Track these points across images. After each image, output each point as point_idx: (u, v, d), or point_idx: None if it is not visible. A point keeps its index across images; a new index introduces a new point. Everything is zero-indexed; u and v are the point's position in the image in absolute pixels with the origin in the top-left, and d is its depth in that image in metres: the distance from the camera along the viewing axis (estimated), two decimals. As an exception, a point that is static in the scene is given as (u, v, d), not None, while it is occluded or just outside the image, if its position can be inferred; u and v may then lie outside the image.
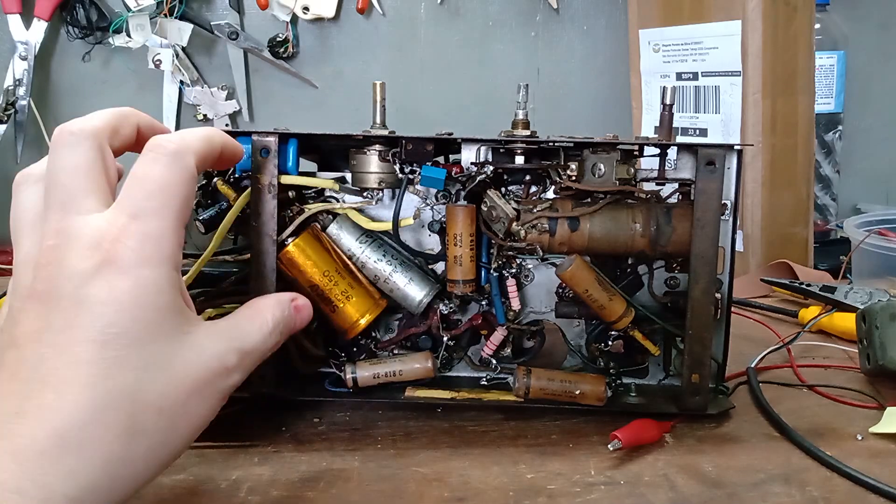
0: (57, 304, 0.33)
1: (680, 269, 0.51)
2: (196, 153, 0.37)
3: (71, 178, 0.35)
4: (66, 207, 0.35)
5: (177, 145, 0.36)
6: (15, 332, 0.33)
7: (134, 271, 0.34)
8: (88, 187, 0.35)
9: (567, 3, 1.07)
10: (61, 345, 0.32)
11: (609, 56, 1.07)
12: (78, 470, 0.31)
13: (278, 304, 0.40)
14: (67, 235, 0.34)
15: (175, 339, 0.35)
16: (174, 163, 0.36)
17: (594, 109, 1.10)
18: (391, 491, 0.42)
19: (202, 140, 0.38)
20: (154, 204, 0.35)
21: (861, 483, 0.42)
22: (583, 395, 0.48)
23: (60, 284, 0.33)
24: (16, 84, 0.99)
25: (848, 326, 0.63)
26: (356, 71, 1.06)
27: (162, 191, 0.35)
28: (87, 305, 0.33)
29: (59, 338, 0.33)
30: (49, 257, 0.34)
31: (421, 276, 0.51)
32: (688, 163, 0.50)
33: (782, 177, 0.85)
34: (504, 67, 1.08)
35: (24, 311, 0.34)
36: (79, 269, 0.33)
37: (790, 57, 0.83)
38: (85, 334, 0.32)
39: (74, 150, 0.36)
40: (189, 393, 0.34)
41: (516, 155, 0.49)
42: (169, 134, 0.38)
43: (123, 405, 0.32)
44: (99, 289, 0.33)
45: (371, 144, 0.50)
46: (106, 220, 0.34)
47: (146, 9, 0.96)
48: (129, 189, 0.35)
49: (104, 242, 0.34)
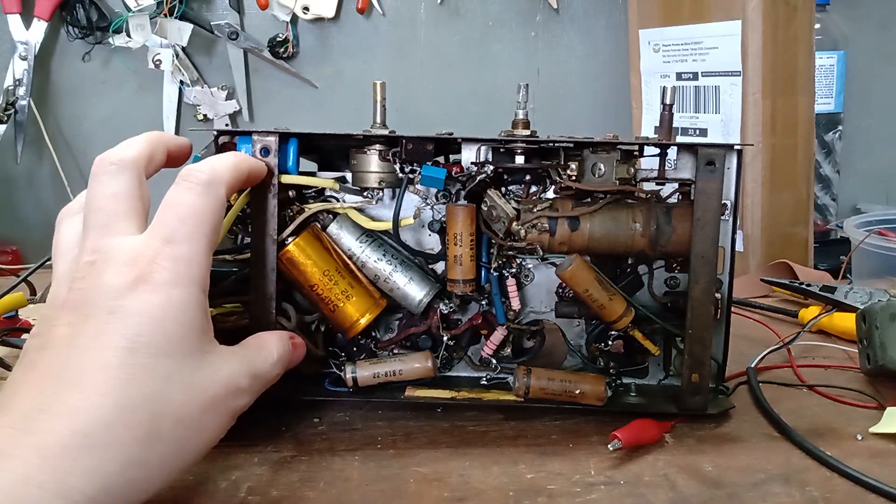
0: (90, 313, 0.35)
1: (680, 269, 0.51)
2: (226, 183, 0.40)
3: (110, 203, 0.38)
4: (104, 229, 0.37)
5: (208, 176, 0.39)
6: (48, 337, 0.35)
7: (165, 289, 0.36)
8: (126, 212, 0.38)
9: (567, 3, 1.07)
10: (91, 349, 0.34)
11: (609, 56, 1.07)
12: (98, 469, 0.32)
13: (280, 340, 0.44)
14: (105, 253, 0.37)
15: (196, 355, 0.37)
16: (206, 192, 0.39)
17: (594, 109, 1.10)
18: (391, 491, 0.42)
19: (231, 169, 0.41)
20: (187, 229, 0.38)
21: (861, 483, 0.42)
22: (583, 395, 0.48)
23: (95, 296, 0.36)
24: (16, 84, 0.99)
25: (848, 326, 0.63)
26: (356, 71, 1.06)
27: (194, 217, 0.38)
28: (118, 315, 0.35)
29: (90, 343, 0.34)
30: (85, 272, 0.36)
31: (421, 275, 0.51)
32: (688, 163, 0.50)
33: (782, 177, 0.85)
34: (504, 67, 1.08)
35: (58, 318, 0.36)
36: (114, 283, 0.36)
37: (790, 57, 0.83)
38: (115, 341, 0.35)
39: (114, 178, 0.39)
40: (205, 407, 0.37)
41: (516, 155, 0.49)
42: (201, 163, 0.40)
43: (145, 411, 0.34)
44: (132, 302, 0.35)
45: (371, 144, 0.50)
46: (141, 242, 0.37)
47: (146, 9, 0.96)
48: (164, 215, 0.38)
49: (139, 262, 0.36)
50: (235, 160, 0.42)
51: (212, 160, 0.41)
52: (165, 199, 0.39)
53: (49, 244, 0.41)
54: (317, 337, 0.52)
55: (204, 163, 0.40)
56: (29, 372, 0.35)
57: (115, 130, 1.05)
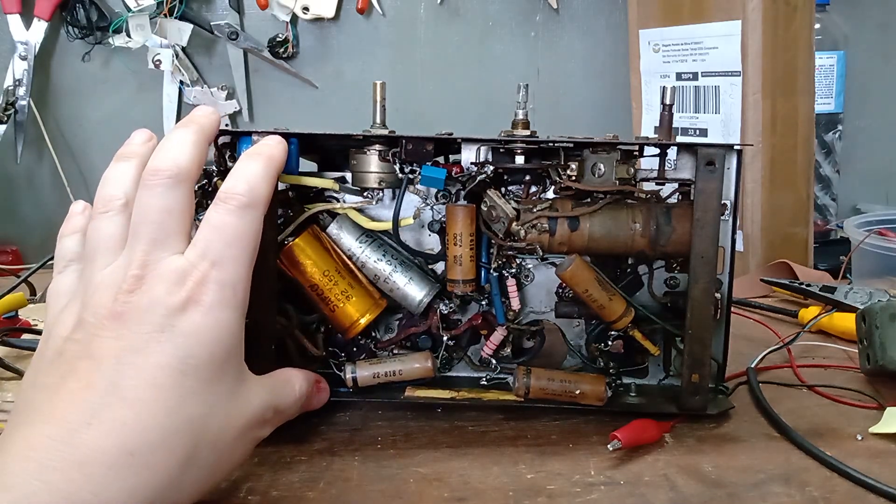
0: (140, 328, 0.35)
1: (680, 269, 0.51)
2: (264, 202, 0.40)
3: (163, 217, 0.38)
4: (154, 244, 0.37)
5: (249, 199, 0.39)
6: (91, 346, 0.35)
7: (214, 313, 0.36)
8: (177, 229, 0.38)
9: (567, 3, 1.07)
10: (142, 366, 0.34)
11: (609, 56, 1.07)
12: (138, 490, 0.32)
13: (306, 380, 0.44)
14: (155, 269, 0.37)
15: (234, 383, 0.37)
16: (247, 214, 0.39)
17: (594, 109, 1.10)
18: (391, 491, 0.42)
19: (268, 184, 0.41)
20: (232, 252, 0.38)
21: (861, 483, 0.42)
22: (583, 395, 0.48)
23: (144, 311, 0.35)
24: (16, 84, 0.99)
25: (848, 326, 0.63)
26: (356, 71, 1.06)
27: (238, 240, 0.39)
28: (170, 334, 0.35)
29: (140, 360, 0.34)
30: (133, 285, 0.36)
31: (421, 275, 0.51)
32: (688, 163, 0.50)
33: (782, 177, 0.85)
34: (504, 67, 1.08)
35: (104, 328, 0.35)
36: (164, 301, 0.36)
37: (790, 57, 0.83)
38: (166, 360, 0.34)
39: (169, 192, 0.39)
40: (237, 435, 0.37)
41: (516, 155, 0.49)
42: (239, 181, 0.40)
43: (189, 435, 0.34)
44: (183, 322, 0.35)
45: (371, 144, 0.50)
46: (190, 263, 0.37)
47: (146, 9, 0.96)
48: (209, 237, 0.38)
49: (188, 282, 0.36)
50: (267, 170, 0.41)
51: (248, 175, 0.40)
52: (207, 220, 0.39)
53: (49, 244, 0.41)
54: (317, 337, 0.52)
55: (242, 181, 0.40)
56: (70, 379, 0.34)
57: (115, 130, 1.04)
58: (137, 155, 0.42)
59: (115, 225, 0.39)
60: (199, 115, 0.43)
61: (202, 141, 0.41)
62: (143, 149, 0.42)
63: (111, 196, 0.40)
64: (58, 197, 1.04)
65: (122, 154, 0.43)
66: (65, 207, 0.89)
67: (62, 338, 0.36)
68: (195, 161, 0.40)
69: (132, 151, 0.42)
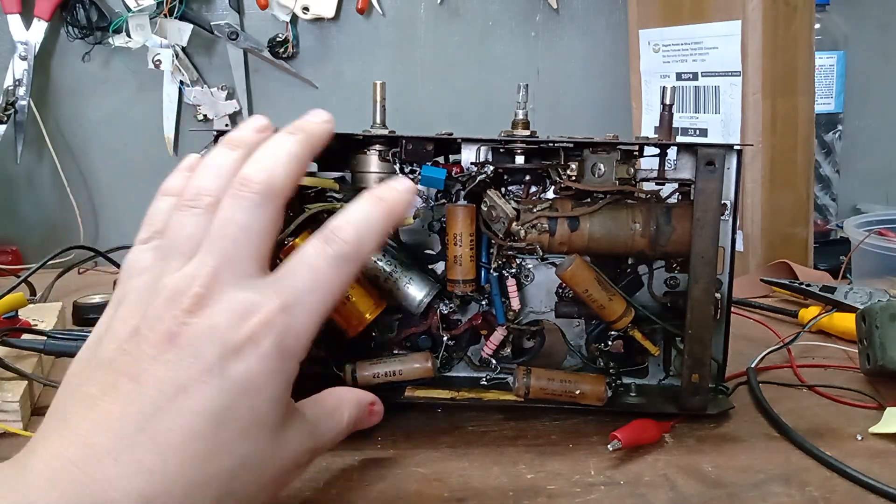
0: (190, 362, 0.32)
1: (680, 269, 0.51)
2: (366, 258, 0.37)
3: (242, 235, 0.35)
4: (226, 262, 0.34)
5: (354, 249, 0.36)
6: (140, 365, 0.33)
7: (270, 360, 0.33)
8: (254, 253, 0.35)
9: (567, 3, 1.07)
10: (180, 408, 0.32)
11: (609, 56, 1.07)
12: None
13: (357, 405, 0.41)
14: (220, 294, 0.34)
15: (274, 434, 0.34)
16: (346, 266, 0.36)
17: (594, 109, 1.10)
18: (391, 491, 0.42)
19: (378, 238, 0.37)
20: (312, 300, 0.35)
21: (861, 483, 0.42)
22: (583, 395, 0.48)
23: (200, 340, 0.33)
24: (16, 84, 0.99)
25: (848, 326, 0.63)
26: (356, 71, 1.06)
27: (324, 290, 0.35)
28: (219, 379, 0.32)
29: (180, 399, 0.32)
30: (194, 305, 0.33)
31: (421, 276, 0.51)
32: (688, 163, 0.50)
33: (782, 177, 0.85)
34: (504, 67, 1.08)
35: (156, 349, 0.33)
36: (223, 336, 0.33)
37: (790, 57, 0.83)
38: (207, 406, 0.32)
39: (255, 209, 0.35)
40: (264, 488, 0.35)
41: (516, 155, 0.49)
42: (348, 227, 0.36)
43: (215, 490, 0.32)
44: (235, 365, 0.33)
45: (371, 144, 0.50)
46: (261, 297, 0.34)
47: (146, 9, 0.96)
48: (293, 273, 0.35)
49: (253, 318, 0.33)
50: (382, 223, 0.37)
51: (361, 223, 0.36)
52: (302, 253, 0.36)
53: (49, 244, 0.40)
54: (317, 337, 0.52)
55: (353, 227, 0.36)
56: (109, 399, 0.32)
57: (115, 130, 1.05)
58: (246, 145, 0.38)
59: (197, 225, 0.36)
60: (310, 124, 0.40)
61: (305, 155, 0.38)
62: (255, 139, 0.39)
63: (203, 189, 0.37)
64: (58, 197, 1.04)
65: (231, 140, 0.39)
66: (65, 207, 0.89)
67: (117, 341, 0.34)
68: (292, 177, 0.37)
69: (241, 140, 0.39)
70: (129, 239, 1.01)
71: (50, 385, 0.53)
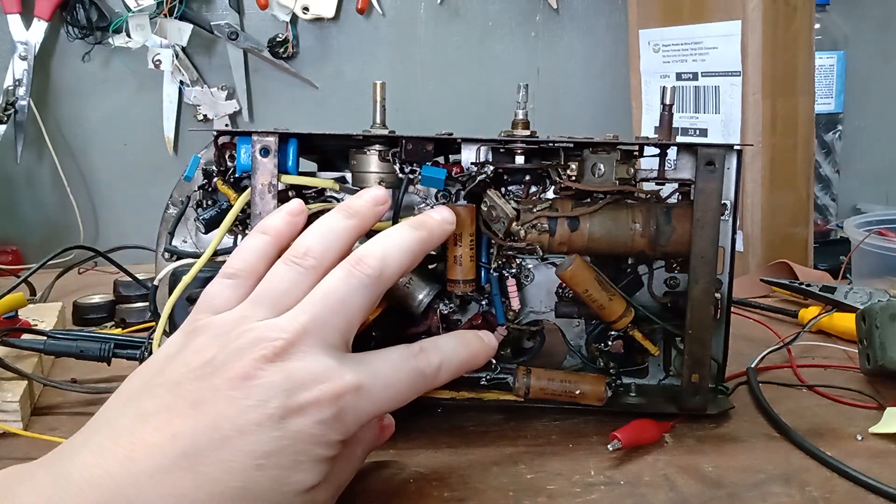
0: (257, 404, 0.33)
1: (680, 269, 0.51)
2: (453, 372, 0.40)
3: (340, 308, 0.37)
4: (318, 327, 0.36)
5: (435, 371, 0.39)
6: (203, 394, 0.33)
7: (325, 428, 0.34)
8: (344, 328, 0.37)
9: (567, 3, 1.07)
10: (227, 446, 0.32)
11: (609, 56, 1.07)
12: None
13: (368, 429, 0.41)
14: (303, 353, 0.35)
15: (304, 492, 0.34)
16: (423, 383, 0.39)
17: (594, 109, 1.10)
18: (391, 491, 0.42)
19: (462, 357, 0.41)
20: (382, 394, 0.37)
21: (861, 483, 0.42)
22: (583, 395, 0.48)
23: (272, 389, 0.33)
24: (16, 84, 0.99)
25: (848, 326, 0.63)
26: (356, 71, 1.06)
27: (397, 391, 0.37)
28: (273, 427, 0.33)
29: (230, 438, 0.32)
30: (274, 355, 0.34)
31: (421, 276, 0.51)
32: (688, 163, 0.50)
33: (782, 177, 0.85)
34: (504, 67, 1.08)
35: (226, 383, 0.33)
36: (294, 391, 0.34)
37: (790, 57, 0.83)
38: (252, 449, 0.33)
39: (361, 290, 0.37)
40: None
41: (516, 155, 0.49)
42: (438, 353, 0.40)
43: None
44: (294, 421, 0.33)
45: (371, 144, 0.50)
46: (340, 368, 0.35)
47: (146, 9, 0.96)
48: (375, 363, 0.37)
49: (326, 385, 0.34)
50: (469, 355, 0.41)
51: (448, 346, 0.40)
52: (389, 352, 0.38)
53: (49, 244, 0.40)
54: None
55: (439, 354, 0.39)
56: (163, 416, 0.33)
57: (115, 130, 1.05)
58: (360, 216, 0.40)
59: (298, 283, 0.37)
60: (433, 221, 0.41)
61: (420, 253, 0.40)
62: (371, 212, 0.41)
63: (311, 250, 0.38)
64: (58, 197, 1.04)
65: (348, 207, 0.41)
66: (65, 207, 0.89)
67: (187, 367, 0.35)
68: (402, 270, 0.39)
69: (357, 210, 0.41)
70: (129, 239, 1.01)
71: (50, 385, 0.53)
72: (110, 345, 0.52)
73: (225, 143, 0.49)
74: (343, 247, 0.39)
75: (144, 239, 0.81)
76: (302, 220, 0.42)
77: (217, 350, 0.35)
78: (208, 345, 0.35)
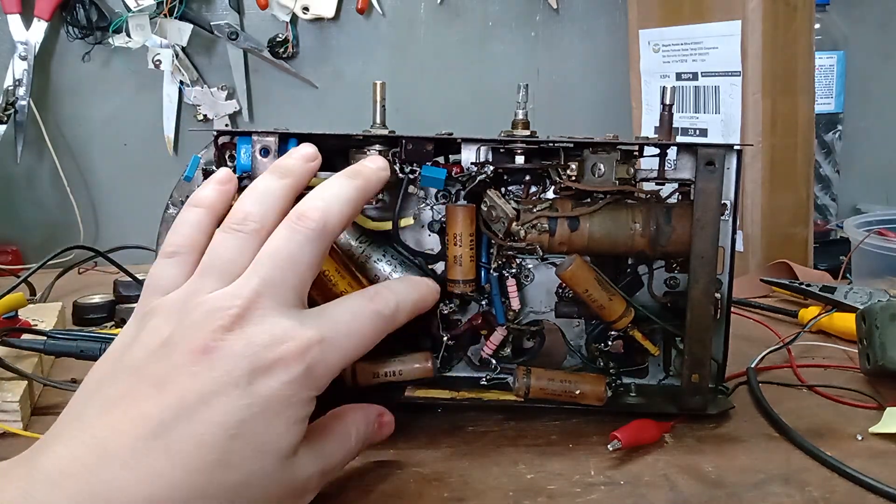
0: (221, 374, 0.33)
1: (680, 269, 0.51)
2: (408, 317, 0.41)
3: (289, 266, 0.36)
4: (269, 289, 0.35)
5: (393, 311, 0.39)
6: (167, 374, 0.33)
7: (295, 386, 0.34)
8: (297, 285, 0.36)
9: (567, 3, 1.07)
10: (199, 418, 0.32)
11: (609, 56, 1.07)
12: None
13: (364, 418, 0.41)
14: (260, 316, 0.34)
15: (284, 458, 0.34)
16: (386, 323, 0.39)
17: (594, 109, 1.10)
18: (391, 491, 0.42)
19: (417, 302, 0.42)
20: (345, 342, 0.36)
21: (861, 483, 0.42)
22: (583, 395, 0.48)
23: (234, 357, 0.33)
24: (16, 84, 0.99)
25: (848, 326, 0.63)
26: (356, 71, 1.06)
27: (359, 338, 0.37)
28: (243, 393, 0.33)
29: (202, 409, 0.32)
30: (231, 323, 0.34)
31: (421, 276, 0.51)
32: (688, 163, 0.50)
33: (782, 177, 0.85)
34: (504, 67, 1.08)
35: (187, 360, 0.33)
36: (257, 354, 0.33)
37: (790, 57, 0.83)
38: (223, 419, 0.32)
39: (308, 244, 0.37)
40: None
41: (516, 155, 0.49)
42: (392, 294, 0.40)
43: (219, 501, 0.32)
44: (262, 384, 0.33)
45: (371, 144, 0.49)
46: (300, 324, 0.35)
47: (146, 9, 0.96)
48: (335, 313, 0.37)
49: (289, 343, 0.34)
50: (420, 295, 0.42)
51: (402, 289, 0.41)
52: (347, 300, 0.38)
53: (49, 244, 0.40)
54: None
55: (393, 294, 0.40)
56: (129, 401, 0.33)
57: (115, 130, 1.05)
58: (293, 175, 0.40)
59: (242, 249, 0.37)
60: (367, 169, 0.41)
61: (360, 200, 0.40)
62: (303, 168, 0.41)
63: (251, 215, 0.38)
64: (58, 197, 1.04)
65: (280, 167, 0.40)
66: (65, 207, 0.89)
67: (146, 349, 0.34)
68: (345, 220, 0.39)
69: (290, 169, 0.40)
70: (129, 239, 1.01)
71: (50, 385, 0.53)
72: (110, 345, 0.52)
73: (225, 143, 0.49)
74: (282, 207, 0.39)
75: (144, 239, 0.81)
76: (232, 188, 0.42)
77: (173, 328, 0.34)
78: (163, 324, 0.35)
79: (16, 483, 0.31)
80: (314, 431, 0.37)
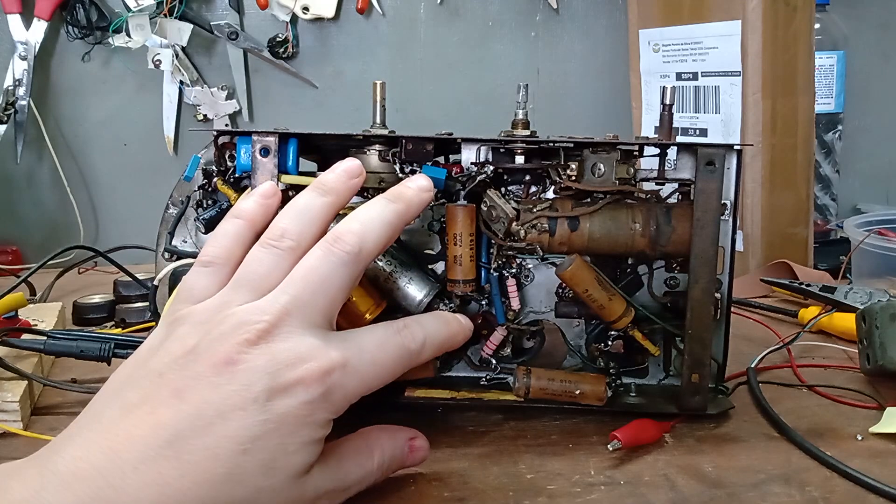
0: (241, 388, 0.33)
1: (680, 269, 0.51)
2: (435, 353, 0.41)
3: (321, 288, 0.36)
4: (299, 308, 0.35)
5: (419, 347, 0.39)
6: (187, 383, 0.33)
7: (313, 407, 0.34)
8: (326, 307, 0.36)
9: (567, 3, 1.07)
10: (214, 431, 0.32)
11: (609, 56, 1.07)
12: None
13: (391, 440, 0.40)
14: (286, 334, 0.34)
15: (295, 478, 0.34)
16: (409, 360, 0.38)
17: (594, 109, 1.10)
18: (391, 491, 0.42)
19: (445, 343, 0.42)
20: (368, 371, 0.36)
21: (861, 483, 0.42)
22: (583, 395, 0.48)
23: (255, 373, 0.33)
24: (16, 84, 0.99)
25: (848, 326, 0.63)
26: (356, 71, 1.06)
27: (383, 368, 0.37)
28: (260, 409, 0.33)
29: (215, 424, 0.32)
30: (257, 338, 0.34)
31: (421, 276, 0.51)
32: (688, 163, 0.50)
33: (782, 177, 0.85)
34: (504, 67, 1.08)
35: (209, 370, 0.33)
36: (279, 372, 0.34)
37: (790, 57, 0.83)
38: (237, 433, 0.32)
39: (340, 268, 0.37)
40: None
41: (516, 155, 0.49)
42: (421, 329, 0.40)
43: None
44: (279, 402, 0.33)
45: (371, 144, 0.50)
46: (325, 346, 0.35)
47: (146, 9, 0.96)
48: (361, 341, 0.37)
49: (311, 363, 0.34)
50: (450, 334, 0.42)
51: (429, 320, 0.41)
52: (373, 329, 0.38)
53: (49, 244, 0.40)
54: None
55: (422, 330, 0.40)
56: (147, 407, 0.33)
57: (115, 130, 1.05)
58: (335, 193, 0.40)
59: (276, 266, 0.37)
60: (409, 191, 0.41)
61: (400, 225, 0.40)
62: (346, 186, 0.40)
63: (288, 232, 0.38)
64: (58, 197, 1.04)
65: (323, 184, 0.40)
66: (65, 207, 0.89)
67: (171, 356, 0.34)
68: (381, 245, 0.39)
69: (332, 187, 0.40)
70: (129, 239, 1.01)
71: (50, 385, 0.53)
72: (110, 345, 0.52)
73: (225, 143, 0.49)
74: (320, 226, 0.39)
75: (144, 239, 0.81)
76: (276, 203, 0.42)
77: (199, 337, 0.35)
78: (190, 333, 0.35)
79: (29, 483, 0.31)
80: (333, 450, 0.37)
